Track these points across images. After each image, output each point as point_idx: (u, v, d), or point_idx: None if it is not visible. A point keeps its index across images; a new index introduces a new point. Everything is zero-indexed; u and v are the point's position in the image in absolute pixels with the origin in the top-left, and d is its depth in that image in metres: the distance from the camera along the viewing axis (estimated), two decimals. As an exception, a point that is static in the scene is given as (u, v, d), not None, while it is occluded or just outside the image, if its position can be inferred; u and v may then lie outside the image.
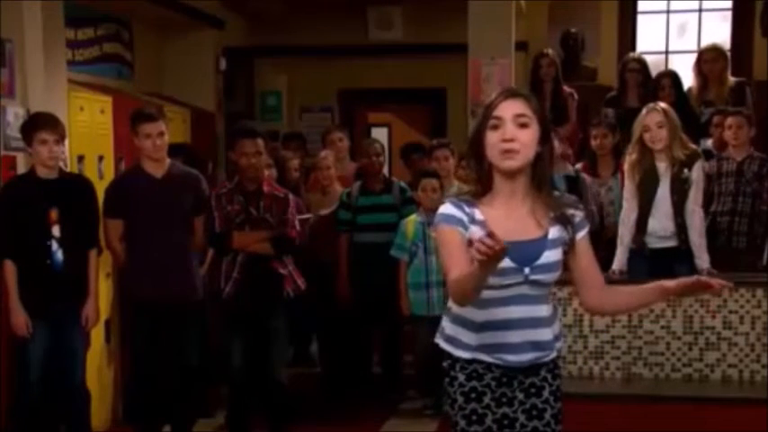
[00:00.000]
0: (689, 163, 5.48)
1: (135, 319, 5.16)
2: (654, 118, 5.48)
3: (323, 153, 6.67)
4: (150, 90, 7.34)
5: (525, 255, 2.74)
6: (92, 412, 5.00)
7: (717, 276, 3.01)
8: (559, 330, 2.91)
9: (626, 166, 5.68)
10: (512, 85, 6.76)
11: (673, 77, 6.95)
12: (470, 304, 2.75)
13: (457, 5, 7.24)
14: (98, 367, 5.51)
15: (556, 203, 2.84)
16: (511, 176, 2.78)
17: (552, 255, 2.78)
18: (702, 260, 5.44)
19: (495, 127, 2.76)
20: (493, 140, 2.75)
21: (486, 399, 2.84)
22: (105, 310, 5.46)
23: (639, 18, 9.11)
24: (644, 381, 5.75)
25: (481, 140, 2.78)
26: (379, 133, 9.76)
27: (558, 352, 2.90)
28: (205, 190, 5.18)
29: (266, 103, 9.26)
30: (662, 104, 5.64)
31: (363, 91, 9.29)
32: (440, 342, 2.92)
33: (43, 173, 4.69)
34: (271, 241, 5.01)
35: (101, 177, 5.51)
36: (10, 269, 4.65)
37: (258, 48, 9.05)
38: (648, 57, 7.58)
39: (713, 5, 9.03)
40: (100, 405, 5.41)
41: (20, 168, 5.01)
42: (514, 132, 2.73)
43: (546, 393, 2.87)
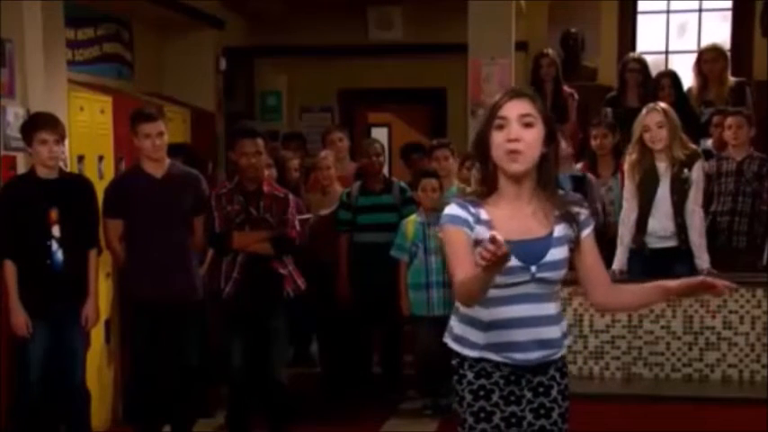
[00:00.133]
0: (689, 163, 5.49)
1: (135, 319, 5.16)
2: (654, 118, 5.48)
3: (323, 153, 6.67)
4: (150, 90, 7.33)
5: (531, 253, 2.75)
6: (92, 412, 4.99)
7: (717, 276, 3.02)
8: (567, 328, 2.91)
9: (626, 166, 5.68)
10: (513, 85, 6.78)
11: (673, 77, 6.95)
12: (477, 303, 2.75)
13: (457, 5, 7.24)
14: (98, 367, 5.51)
15: (561, 202, 2.84)
16: (516, 178, 2.78)
17: (558, 252, 2.79)
18: (702, 260, 5.45)
19: (500, 127, 2.75)
20: (498, 140, 2.75)
21: (494, 397, 2.84)
22: (105, 310, 5.46)
23: (639, 18, 9.10)
24: (644, 381, 5.75)
25: (486, 141, 2.78)
26: (379, 133, 9.76)
27: (568, 349, 2.90)
28: (205, 190, 5.18)
29: (266, 103, 9.25)
30: (662, 104, 5.64)
31: (363, 91, 9.28)
32: (448, 341, 2.92)
33: (43, 173, 4.69)
34: (271, 241, 5.00)
35: (101, 177, 5.51)
36: (10, 269, 4.65)
37: (258, 48, 9.04)
38: (648, 57, 7.58)
39: (713, 5, 9.02)
40: (100, 405, 5.40)
41: (20, 168, 5.01)
42: (519, 132, 2.73)
43: (554, 392, 2.87)
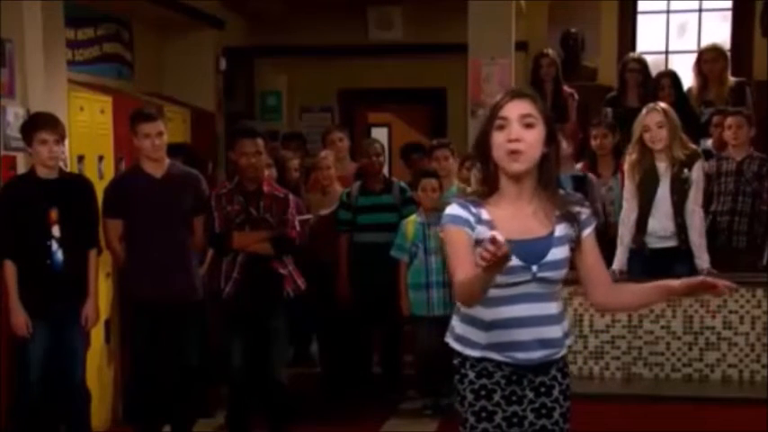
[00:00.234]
0: (689, 163, 5.49)
1: (135, 319, 5.16)
2: (654, 118, 5.48)
3: (323, 153, 6.67)
4: (150, 90, 7.33)
5: (532, 253, 2.75)
6: (92, 412, 4.99)
7: (717, 276, 3.02)
8: (569, 327, 2.91)
9: (626, 166, 5.68)
10: (512, 85, 6.78)
11: (673, 77, 6.95)
12: (479, 303, 2.75)
13: (457, 5, 7.24)
14: (98, 367, 5.51)
15: (562, 201, 2.84)
16: (517, 178, 2.79)
17: (559, 252, 2.79)
18: (702, 260, 5.45)
19: (500, 127, 2.76)
20: (499, 141, 2.76)
21: (495, 396, 2.84)
22: (105, 310, 5.46)
23: (639, 18, 9.11)
24: (644, 381, 5.76)
25: (487, 141, 2.78)
26: (379, 133, 9.76)
27: (568, 349, 2.90)
28: (205, 190, 5.18)
29: (266, 103, 9.25)
30: (662, 104, 5.65)
31: (363, 91, 9.28)
32: (449, 341, 2.92)
33: (43, 173, 4.69)
34: (271, 241, 5.00)
35: (101, 177, 5.51)
36: (10, 269, 4.65)
37: (258, 48, 9.04)
38: (648, 57, 7.59)
39: (713, 5, 9.02)
40: (100, 405, 5.40)
41: (20, 168, 5.00)
42: (520, 133, 2.74)
43: (556, 392, 2.87)
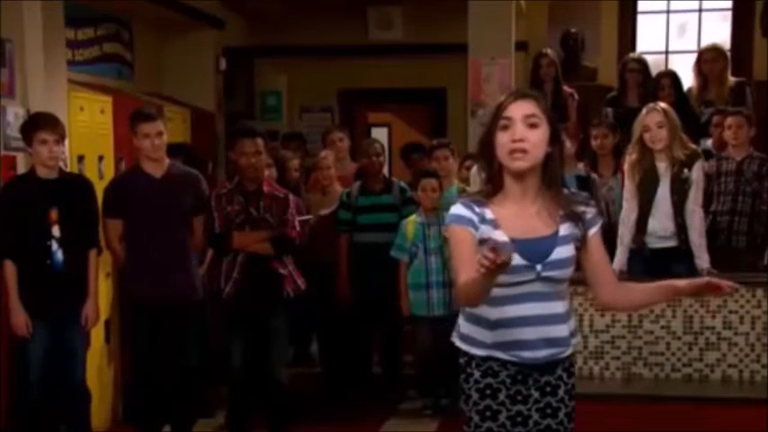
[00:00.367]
0: (689, 163, 5.49)
1: (135, 319, 5.16)
2: (654, 118, 5.48)
3: (323, 153, 6.67)
4: (150, 90, 7.33)
5: (536, 252, 2.75)
6: (92, 412, 4.99)
7: (717, 276, 3.02)
8: (575, 327, 2.90)
9: (626, 166, 5.68)
10: (512, 86, 6.79)
11: (672, 77, 6.95)
12: (484, 302, 2.75)
13: (457, 5, 7.25)
14: (98, 367, 5.51)
15: (566, 201, 2.84)
16: (521, 177, 2.79)
17: (564, 251, 2.79)
18: (702, 260, 5.45)
19: (504, 127, 2.77)
20: (503, 140, 2.76)
21: (500, 396, 2.84)
22: (105, 310, 5.46)
23: (639, 18, 9.11)
24: (644, 381, 5.75)
25: (491, 141, 2.79)
26: (379, 133, 9.77)
27: (574, 348, 2.89)
28: (205, 190, 5.18)
29: (266, 103, 9.26)
30: (662, 104, 5.65)
31: (363, 91, 9.29)
32: (455, 340, 2.92)
33: (43, 173, 4.69)
34: (271, 241, 5.00)
35: (101, 177, 5.51)
36: (10, 269, 4.65)
37: (258, 48, 9.04)
38: (648, 57, 7.58)
39: (713, 5, 9.03)
40: (100, 405, 5.40)
41: (20, 168, 5.00)
42: (524, 132, 2.74)
43: (561, 392, 2.87)
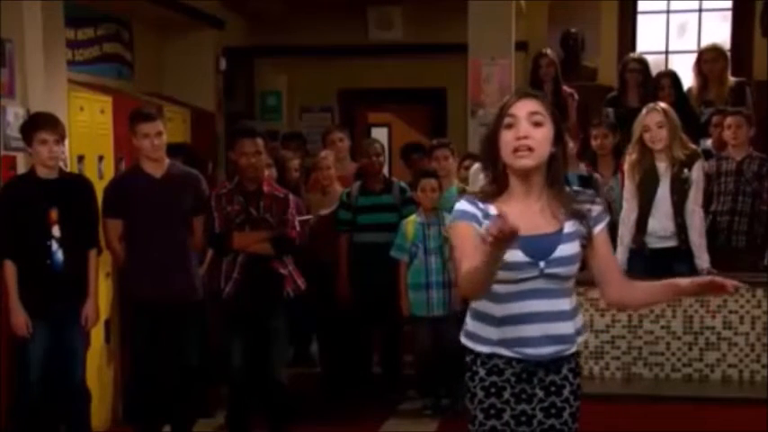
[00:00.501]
0: (689, 163, 5.49)
1: (135, 319, 5.16)
2: (654, 118, 5.48)
3: (323, 153, 6.67)
4: (150, 90, 7.33)
5: (540, 249, 2.75)
6: (92, 412, 4.99)
7: (717, 276, 3.01)
8: (582, 324, 2.89)
9: (626, 166, 5.68)
10: (512, 86, 6.79)
11: (673, 77, 6.95)
12: (489, 299, 2.76)
13: (457, 5, 7.25)
14: (98, 367, 5.51)
15: (570, 199, 2.84)
16: (525, 176, 2.78)
17: (568, 248, 2.78)
18: (702, 260, 5.45)
19: (509, 126, 2.76)
20: (507, 139, 2.76)
21: (505, 394, 2.83)
22: (105, 310, 5.46)
23: (639, 18, 9.11)
24: (644, 381, 5.75)
25: (496, 140, 2.79)
26: (379, 133, 9.77)
27: (579, 346, 2.88)
28: (205, 190, 5.18)
29: (266, 103, 9.26)
30: (662, 104, 5.65)
31: (363, 91, 9.29)
32: (462, 338, 2.92)
33: (43, 173, 4.69)
34: (271, 241, 5.00)
35: (101, 177, 5.51)
36: (10, 269, 4.65)
37: (258, 48, 9.05)
38: (648, 57, 7.58)
39: (713, 5, 9.03)
40: (100, 405, 5.40)
41: (20, 168, 5.00)
42: (529, 130, 2.74)
43: (566, 392, 2.86)
